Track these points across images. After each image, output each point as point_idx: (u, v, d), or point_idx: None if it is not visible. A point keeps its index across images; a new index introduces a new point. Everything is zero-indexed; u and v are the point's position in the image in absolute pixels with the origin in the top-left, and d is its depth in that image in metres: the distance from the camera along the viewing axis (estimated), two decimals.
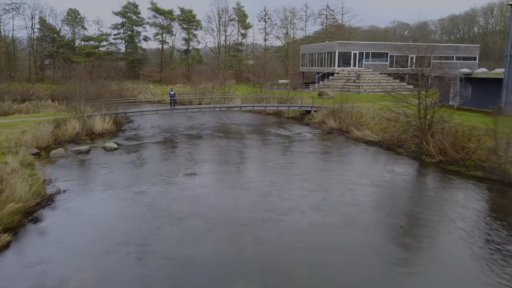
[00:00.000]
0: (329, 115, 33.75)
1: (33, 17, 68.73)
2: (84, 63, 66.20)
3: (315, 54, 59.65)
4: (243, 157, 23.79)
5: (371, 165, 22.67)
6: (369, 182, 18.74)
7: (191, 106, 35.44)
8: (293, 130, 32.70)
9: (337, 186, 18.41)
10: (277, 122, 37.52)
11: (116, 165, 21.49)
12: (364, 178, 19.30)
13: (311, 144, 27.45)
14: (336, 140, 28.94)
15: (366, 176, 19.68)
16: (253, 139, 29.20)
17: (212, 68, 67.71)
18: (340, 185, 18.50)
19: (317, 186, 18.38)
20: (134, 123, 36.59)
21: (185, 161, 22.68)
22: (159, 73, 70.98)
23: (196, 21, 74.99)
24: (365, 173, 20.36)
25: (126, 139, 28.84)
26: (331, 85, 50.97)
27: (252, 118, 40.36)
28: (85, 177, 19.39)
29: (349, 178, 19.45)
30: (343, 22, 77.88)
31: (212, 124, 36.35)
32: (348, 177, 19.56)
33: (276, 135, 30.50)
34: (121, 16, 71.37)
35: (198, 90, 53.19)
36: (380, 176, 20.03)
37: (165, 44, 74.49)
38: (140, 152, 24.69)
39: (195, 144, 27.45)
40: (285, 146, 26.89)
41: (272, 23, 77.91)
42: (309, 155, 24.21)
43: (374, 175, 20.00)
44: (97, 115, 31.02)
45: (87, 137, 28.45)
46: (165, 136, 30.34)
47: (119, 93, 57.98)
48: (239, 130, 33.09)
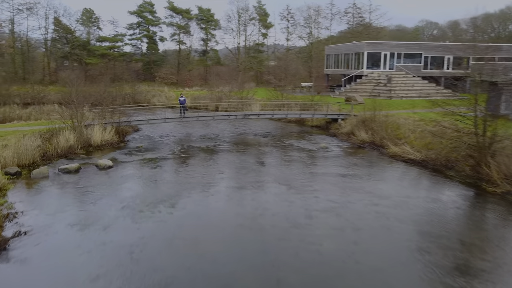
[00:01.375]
0: (359, 125, 29.40)
1: (47, 17, 66.60)
2: (98, 64, 63.39)
3: (341, 55, 55.17)
4: (260, 181, 19.76)
5: (413, 192, 18.38)
6: (411, 216, 14.83)
7: (203, 114, 31.74)
8: (318, 142, 28.49)
9: (371, 221, 14.45)
10: (300, 132, 33.36)
11: (105, 191, 17.81)
12: (405, 210, 15.33)
13: (339, 162, 23.21)
14: (369, 157, 24.61)
15: (407, 208, 15.70)
16: (272, 155, 25.15)
17: (230, 69, 63.99)
18: (375, 220, 14.55)
19: (346, 221, 14.45)
20: (141, 132, 33.08)
21: (189, 184, 18.82)
22: (175, 75, 67.70)
23: (215, 20, 71.44)
24: (406, 203, 16.26)
25: (126, 153, 25.25)
26: (359, 89, 46.44)
27: (272, 127, 36.31)
28: (61, 208, 15.71)
29: (386, 209, 15.45)
30: (371, 21, 73.00)
31: (227, 134, 32.49)
32: (385, 209, 15.56)
33: (298, 149, 26.36)
34: (136, 15, 68.44)
35: (214, 94, 49.52)
36: (425, 208, 15.90)
37: (182, 44, 71.33)
38: (137, 172, 20.98)
39: (204, 161, 23.61)
40: (309, 165, 22.73)
41: (295, 22, 73.75)
42: (337, 178, 19.98)
43: (417, 206, 16.00)
44: (96, 124, 27.60)
45: (83, 151, 24.98)
46: (171, 149, 26.62)
47: (132, 96, 55.10)
48: (256, 143, 29.11)
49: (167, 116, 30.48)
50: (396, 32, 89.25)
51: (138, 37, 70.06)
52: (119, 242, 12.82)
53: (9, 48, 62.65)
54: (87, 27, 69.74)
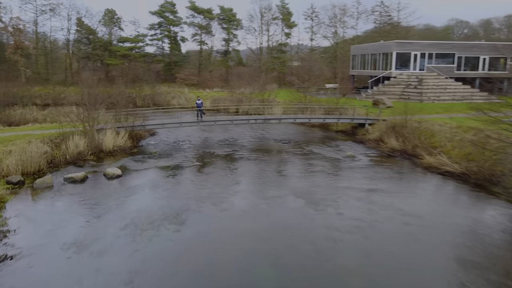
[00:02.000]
0: (389, 132, 27.14)
1: (69, 18, 66.46)
2: (119, 65, 62.73)
3: (368, 55, 52.66)
4: (278, 195, 17.89)
5: (451, 210, 16.16)
6: (448, 240, 12.96)
7: (221, 118, 30.09)
8: (344, 150, 26.39)
9: (402, 245, 12.61)
10: (324, 138, 31.27)
11: (109, 204, 16.30)
12: (441, 233, 13.49)
13: (367, 173, 21.08)
14: (400, 168, 22.39)
15: (444, 230, 13.84)
16: (293, 164, 23.22)
17: (252, 70, 62.27)
18: (407, 244, 12.75)
19: (373, 245, 12.60)
20: (157, 136, 31.67)
21: (201, 198, 17.11)
22: (196, 76, 66.46)
23: (237, 20, 69.82)
24: (442, 224, 14.37)
25: (138, 160, 23.80)
26: (387, 91, 43.92)
27: (294, 132, 34.35)
28: (59, 225, 14.25)
29: (419, 231, 13.58)
30: (399, 19, 69.95)
31: (246, 139, 30.72)
32: (418, 230, 13.70)
33: (322, 158, 24.34)
34: (158, 15, 67.51)
35: (235, 96, 47.91)
36: (465, 230, 13.94)
37: (204, 45, 69.98)
38: (147, 183, 19.41)
39: (220, 170, 21.89)
40: (334, 176, 20.69)
41: (319, 21, 71.36)
42: (364, 192, 17.89)
43: (456, 228, 14.09)
44: (109, 128, 26.30)
45: (93, 157, 23.66)
46: (186, 156, 25.04)
47: (151, 98, 54.14)
48: (277, 149, 27.24)
49: (183, 120, 28.95)
50: (425, 31, 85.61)
51: (159, 38, 69.15)
52: (115, 268, 11.25)
53: (32, 49, 62.62)
54: (109, 28, 69.35)
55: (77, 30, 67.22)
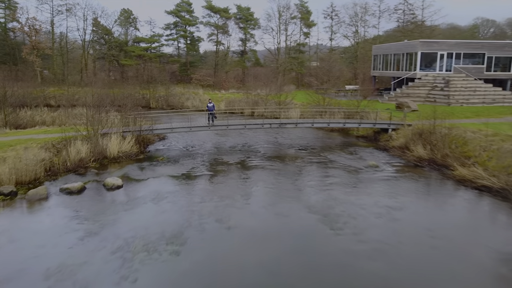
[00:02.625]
0: (415, 138, 24.90)
1: (85, 18, 65.82)
2: (133, 66, 61.69)
3: (390, 56, 50.17)
4: (291, 212, 16.00)
5: (489, 233, 14.02)
6: (486, 269, 10.91)
7: (233, 122, 28.30)
8: (366, 158, 24.28)
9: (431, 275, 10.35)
10: (344, 144, 29.17)
11: (104, 221, 14.69)
12: (478, 260, 11.32)
13: (391, 186, 18.98)
14: (429, 180, 20.19)
15: (481, 257, 11.74)
16: (310, 175, 21.25)
17: (269, 71, 60.43)
18: (436, 274, 10.43)
19: (397, 275, 10.41)
20: (167, 140, 30.10)
21: (205, 216, 15.35)
22: (212, 76, 64.94)
23: (254, 19, 67.98)
24: (479, 249, 12.18)
25: (143, 168, 22.22)
26: (411, 93, 41.44)
27: (311, 136, 32.31)
28: (42, 246, 12.67)
29: (451, 259, 11.29)
30: (424, 18, 66.96)
31: (260, 145, 28.86)
32: (449, 257, 11.51)
33: (342, 168, 22.29)
34: (173, 15, 66.25)
35: (250, 98, 46.11)
36: (509, 259, 11.65)
37: (220, 45, 68.37)
38: (148, 195, 17.74)
39: (230, 181, 20.10)
40: (354, 190, 18.64)
41: (339, 21, 68.90)
42: (389, 210, 15.82)
43: (495, 256, 11.96)
44: (114, 132, 24.85)
45: (95, 164, 22.20)
46: (195, 164, 23.35)
47: (165, 99, 52.84)
48: (292, 157, 25.32)
49: (193, 124, 27.30)
50: (451, 30, 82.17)
51: (175, 38, 67.91)
52: None
53: (48, 50, 62.15)
54: (124, 28, 68.51)
55: (93, 30, 66.63)
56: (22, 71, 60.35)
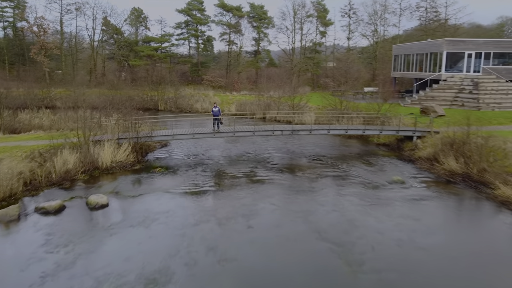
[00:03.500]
0: (445, 149, 21.92)
1: (94, 17, 64.20)
2: (142, 66, 59.63)
3: (412, 56, 47.02)
4: (300, 239, 13.35)
5: None
6: None
7: (241, 128, 25.73)
8: (388, 171, 21.44)
9: None
10: (363, 153, 26.32)
11: (78, 251, 12.25)
12: None
13: (421, 208, 16.15)
14: (464, 200, 17.29)
15: None
16: (324, 192, 18.50)
17: (283, 72, 57.74)
18: None
19: None
20: (169, 148, 27.65)
21: (199, 244, 12.81)
22: (224, 77, 62.53)
23: (268, 18, 65.33)
24: None
25: (137, 180, 19.82)
26: (436, 96, 38.30)
27: (327, 144, 29.51)
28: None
29: None
30: (447, 16, 63.31)
31: (270, 153, 26.22)
32: None
33: (361, 183, 19.48)
34: (184, 14, 64.08)
35: (262, 100, 43.50)
36: None
37: (232, 45, 65.90)
38: (136, 217, 15.25)
39: (233, 198, 17.52)
40: (376, 211, 15.83)
41: (358, 19, 65.71)
42: (418, 238, 13.02)
43: None
44: (108, 139, 22.54)
45: (85, 176, 19.89)
46: (196, 176, 20.85)
47: (174, 101, 50.62)
48: (305, 169, 22.62)
49: (196, 130, 24.85)
50: (475, 29, 78.03)
51: (185, 37, 65.71)
52: None
53: (56, 49, 60.65)
54: (135, 27, 66.67)
55: (102, 30, 64.94)
56: (28, 72, 59.09)
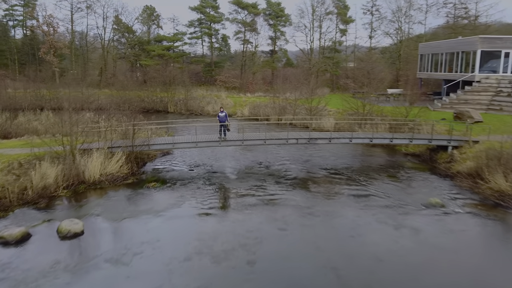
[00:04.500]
0: (491, 163, 18.45)
1: (104, 16, 62.13)
2: (152, 66, 57.12)
3: (441, 55, 43.26)
4: (315, 283, 10.28)
5: None
6: None
7: (251, 136, 22.65)
8: (423, 190, 18.11)
9: None
10: (390, 165, 22.99)
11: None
12: None
13: (467, 243, 12.87)
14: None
15: None
16: (346, 216, 15.31)
17: (300, 72, 54.52)
18: None
19: None
20: (169, 157, 24.81)
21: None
22: (238, 78, 59.62)
23: (285, 15, 62.07)
24: None
25: (126, 198, 17.01)
26: (470, 100, 34.57)
27: (348, 153, 26.24)
28: None
29: None
30: (477, 13, 59.01)
31: (284, 165, 23.13)
32: None
33: (390, 205, 16.21)
34: (197, 11, 61.41)
35: (277, 102, 40.39)
36: None
37: (247, 44, 62.92)
38: (117, 247, 12.40)
39: (234, 222, 14.53)
40: (413, 247, 12.58)
41: (380, 16, 61.89)
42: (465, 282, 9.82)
43: None
44: (98, 148, 19.84)
45: (67, 192, 17.17)
46: (196, 192, 17.94)
47: (184, 103, 47.97)
48: (323, 185, 19.48)
49: (200, 138, 21.95)
50: (507, 27, 73.16)
51: (198, 36, 63.06)
52: None
53: (66, 49, 58.78)
54: (147, 26, 64.37)
55: (114, 29, 62.85)
56: (38, 72, 57.31)
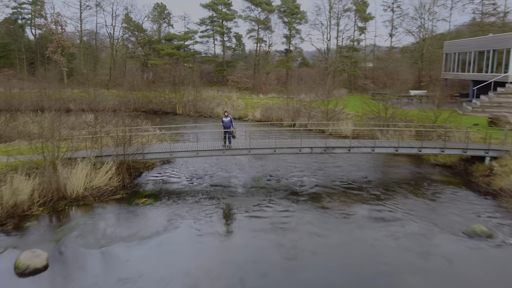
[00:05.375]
0: None
1: (114, 14, 60.24)
2: (160, 66, 54.82)
3: (470, 54, 39.92)
4: None
5: None
6: None
7: (258, 144, 19.90)
8: (461, 212, 15.17)
9: None
10: (418, 179, 20.04)
11: None
12: None
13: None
14: None
15: None
16: (369, 246, 12.54)
17: (316, 72, 51.64)
18: None
19: None
20: (168, 166, 22.28)
21: None
22: (251, 78, 56.97)
23: (301, 13, 59.12)
24: None
25: (110, 218, 14.54)
26: (504, 103, 31.25)
27: (369, 163, 23.33)
28: None
29: None
30: (507, 9, 55.11)
31: (295, 176, 20.41)
32: None
33: (423, 233, 13.35)
34: (209, 8, 58.99)
35: (291, 105, 37.61)
36: None
37: (261, 42, 60.19)
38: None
39: (239, 247, 11.90)
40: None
41: (402, 13, 58.42)
42: None
43: None
44: (83, 157, 17.46)
45: (44, 210, 14.79)
46: (192, 211, 15.38)
47: (193, 104, 45.57)
48: (340, 203, 16.72)
49: (201, 147, 19.38)
50: None
51: (210, 34, 60.61)
52: None
53: (73, 48, 57.05)
54: (157, 24, 62.26)
55: (124, 27, 60.90)
56: (46, 71, 55.69)
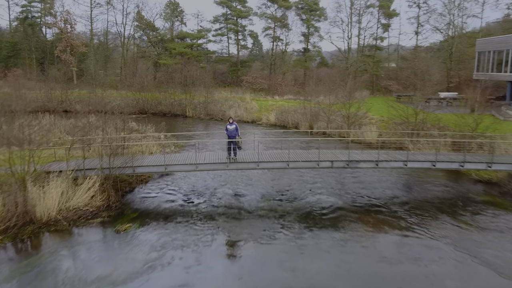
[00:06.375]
0: None
1: (124, 12, 58.08)
2: (171, 65, 52.24)
3: (507, 52, 36.04)
4: None
5: None
6: None
7: (269, 157, 16.82)
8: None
9: None
10: (457, 197, 16.69)
11: None
12: None
13: None
14: None
15: None
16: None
17: (335, 72, 48.30)
18: None
19: None
20: (169, 177, 19.49)
21: None
22: (267, 79, 53.97)
23: (320, 9, 55.84)
24: None
25: (80, 253, 11.76)
26: None
27: (399, 177, 20.00)
28: None
29: None
30: None
31: (310, 194, 17.32)
32: None
33: (475, 277, 10.15)
34: (223, 5, 56.23)
35: (309, 108, 34.39)
36: None
37: (277, 41, 57.09)
38: None
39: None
40: None
41: (429, 9, 54.48)
42: None
43: None
44: (59, 170, 14.80)
45: (4, 239, 12.11)
46: (190, 239, 12.49)
47: (204, 106, 42.81)
48: (364, 231, 13.58)
49: (201, 158, 16.49)
50: None
51: (223, 33, 57.83)
52: None
53: (82, 47, 55.07)
54: (170, 22, 59.87)
55: (135, 26, 58.75)
56: (55, 71, 53.87)
